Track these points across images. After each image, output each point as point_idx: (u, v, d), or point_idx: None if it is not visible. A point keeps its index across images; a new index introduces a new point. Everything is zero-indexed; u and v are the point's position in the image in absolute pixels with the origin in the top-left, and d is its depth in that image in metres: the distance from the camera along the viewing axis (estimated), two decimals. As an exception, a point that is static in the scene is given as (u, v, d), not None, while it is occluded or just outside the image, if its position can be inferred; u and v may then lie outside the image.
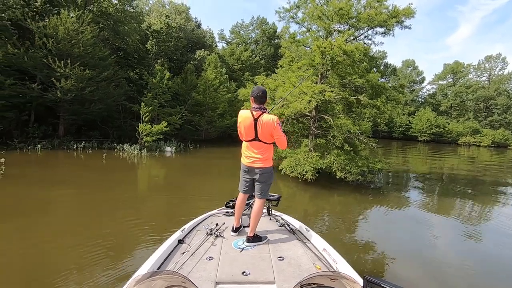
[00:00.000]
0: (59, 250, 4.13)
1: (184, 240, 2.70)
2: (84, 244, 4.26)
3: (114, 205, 6.53)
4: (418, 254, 4.83)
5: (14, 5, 16.37)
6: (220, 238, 2.80)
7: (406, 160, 21.08)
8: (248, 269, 2.21)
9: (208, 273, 2.14)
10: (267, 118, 2.70)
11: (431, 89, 57.49)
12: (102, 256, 3.93)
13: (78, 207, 6.33)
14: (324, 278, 1.66)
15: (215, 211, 3.63)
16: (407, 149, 32.47)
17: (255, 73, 28.20)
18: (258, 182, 2.90)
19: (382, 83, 9.65)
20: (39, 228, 4.84)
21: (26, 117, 16.47)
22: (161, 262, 2.27)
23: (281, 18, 10.72)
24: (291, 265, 2.32)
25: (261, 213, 2.85)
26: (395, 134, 49.70)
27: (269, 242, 2.77)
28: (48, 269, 3.60)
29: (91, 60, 16.59)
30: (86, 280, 3.36)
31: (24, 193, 6.93)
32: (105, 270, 3.58)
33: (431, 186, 11.22)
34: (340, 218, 6.60)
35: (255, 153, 2.84)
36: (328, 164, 9.25)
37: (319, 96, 8.70)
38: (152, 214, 6.08)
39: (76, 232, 4.82)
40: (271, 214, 3.55)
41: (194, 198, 7.44)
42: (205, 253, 2.45)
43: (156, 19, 25.82)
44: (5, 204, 6.02)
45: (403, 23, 9.91)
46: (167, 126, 16.77)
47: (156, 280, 1.55)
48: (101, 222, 5.39)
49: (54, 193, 7.15)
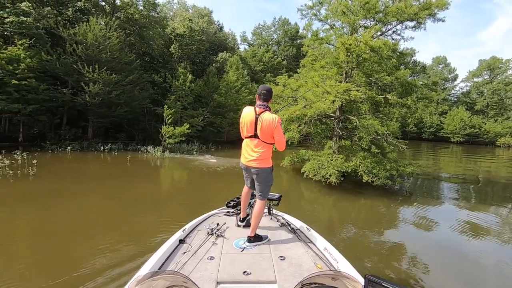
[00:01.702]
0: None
1: (185, 240, 2.70)
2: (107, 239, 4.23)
3: (129, 202, 6.55)
4: (454, 274, 4.32)
5: (48, 15, 17.35)
6: (221, 238, 2.79)
7: (438, 163, 19.79)
8: (249, 269, 2.20)
9: (209, 273, 2.13)
10: (268, 116, 2.69)
11: (465, 87, 53.97)
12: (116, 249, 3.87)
13: (103, 213, 6.40)
14: (325, 278, 1.64)
15: (216, 211, 3.63)
16: (438, 150, 30.62)
17: (277, 74, 27.85)
18: (257, 182, 2.89)
19: (412, 81, 9.00)
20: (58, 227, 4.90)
21: (58, 120, 17.36)
22: (162, 262, 2.27)
23: (303, 16, 10.37)
24: (292, 264, 2.31)
25: (261, 214, 2.83)
26: (424, 135, 47.15)
27: (270, 241, 2.77)
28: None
29: (117, 65, 17.16)
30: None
31: (50, 190, 7.16)
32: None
33: (466, 191, 10.35)
34: (366, 225, 6.15)
35: (252, 152, 2.82)
36: (353, 167, 8.76)
37: (343, 95, 8.26)
38: (166, 214, 6.01)
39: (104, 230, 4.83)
40: (272, 214, 3.53)
41: (209, 199, 7.30)
42: (206, 253, 2.45)
43: (179, 23, 26.32)
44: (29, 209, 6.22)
45: (436, 16, 9.24)
46: (189, 128, 16.93)
47: (158, 280, 1.54)
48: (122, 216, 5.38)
49: (79, 194, 7.32)
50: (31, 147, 14.59)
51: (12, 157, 10.72)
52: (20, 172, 8.97)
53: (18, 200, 6.48)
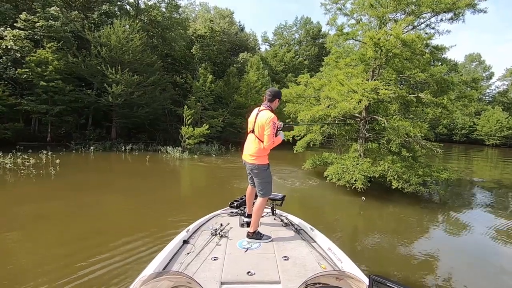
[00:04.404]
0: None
1: (189, 241, 2.70)
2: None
3: (145, 203, 6.36)
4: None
5: (76, 19, 17.93)
6: (224, 238, 2.79)
7: (473, 167, 18.32)
8: (253, 269, 2.19)
9: (213, 273, 2.13)
10: (265, 113, 2.82)
11: (501, 86, 50.23)
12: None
13: (122, 211, 6.26)
14: (330, 278, 1.64)
15: (220, 211, 3.61)
16: (471, 154, 28.58)
17: (298, 74, 27.12)
18: (254, 178, 2.98)
19: (450, 77, 8.17)
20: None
21: (84, 120, 17.87)
22: (167, 263, 2.27)
23: (327, 10, 9.78)
24: (296, 264, 2.30)
25: (260, 211, 2.85)
26: (456, 137, 44.32)
27: (274, 241, 2.75)
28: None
29: (139, 66, 17.41)
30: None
31: (69, 190, 7.16)
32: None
33: (504, 198, 9.34)
34: (394, 235, 5.53)
35: (248, 147, 2.96)
36: (381, 172, 8.08)
37: (371, 94, 7.63)
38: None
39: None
40: (275, 214, 3.51)
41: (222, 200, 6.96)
42: (210, 254, 2.45)
43: (201, 24, 26.46)
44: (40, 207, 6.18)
45: (476, 7, 8.36)
46: (209, 129, 16.78)
47: (162, 280, 1.54)
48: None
49: (92, 195, 7.26)
50: (58, 146, 15.07)
51: (38, 156, 11.01)
52: (43, 171, 9.13)
53: (38, 199, 6.51)
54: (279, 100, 3.03)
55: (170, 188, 8.94)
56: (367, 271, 1.96)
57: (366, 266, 4.03)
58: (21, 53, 14.53)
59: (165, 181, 9.95)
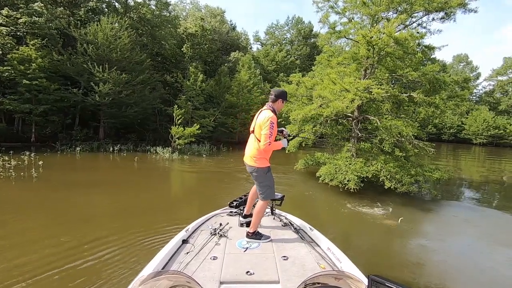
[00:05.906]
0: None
1: (188, 240, 2.69)
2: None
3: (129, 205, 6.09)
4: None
5: (61, 15, 17.36)
6: (224, 238, 2.78)
7: (462, 166, 18.56)
8: (252, 269, 2.19)
9: (213, 273, 2.12)
10: (264, 113, 2.76)
11: (488, 86, 51.43)
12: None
13: (111, 214, 5.97)
14: (329, 278, 1.65)
15: (219, 211, 3.59)
16: (460, 152, 29.07)
17: (290, 73, 26.94)
18: (255, 181, 2.91)
19: (442, 76, 8.14)
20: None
21: (70, 120, 17.31)
22: (166, 262, 2.26)
23: (319, 8, 9.65)
24: (295, 264, 2.30)
25: (261, 214, 2.81)
26: (444, 136, 45.11)
27: (273, 241, 2.75)
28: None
29: (128, 65, 16.96)
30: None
31: (46, 195, 6.81)
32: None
33: (490, 193, 9.44)
34: (394, 236, 5.43)
35: (249, 149, 2.89)
36: (374, 172, 8.00)
37: (364, 93, 7.53)
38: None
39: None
40: (274, 214, 3.50)
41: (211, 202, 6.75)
42: (209, 253, 2.45)
43: (191, 23, 26.07)
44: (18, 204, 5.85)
45: (467, 6, 8.37)
46: (199, 129, 16.48)
47: (161, 280, 1.54)
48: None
49: (76, 197, 6.94)
50: (42, 147, 14.54)
51: (20, 158, 10.54)
52: (24, 174, 8.70)
53: (15, 205, 6.15)
54: (284, 101, 2.90)
55: (155, 191, 8.62)
56: (366, 271, 1.87)
57: (365, 266, 3.89)
58: (3, 50, 13.96)
59: (151, 182, 9.62)
